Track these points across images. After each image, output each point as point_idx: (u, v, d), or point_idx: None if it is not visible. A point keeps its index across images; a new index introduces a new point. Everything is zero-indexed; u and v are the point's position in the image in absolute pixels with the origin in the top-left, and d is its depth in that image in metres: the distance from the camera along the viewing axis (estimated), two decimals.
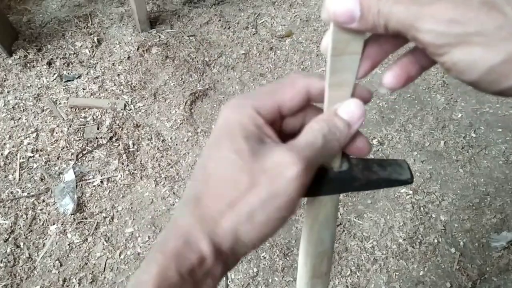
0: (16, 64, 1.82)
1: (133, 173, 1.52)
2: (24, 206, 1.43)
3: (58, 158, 1.55)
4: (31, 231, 1.38)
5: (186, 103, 1.72)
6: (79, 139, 1.60)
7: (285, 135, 0.33)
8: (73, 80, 1.80)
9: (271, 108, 0.31)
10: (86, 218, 1.41)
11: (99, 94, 1.74)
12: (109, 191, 1.48)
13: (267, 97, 0.31)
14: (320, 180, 0.36)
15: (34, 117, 1.66)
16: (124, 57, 1.88)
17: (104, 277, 1.29)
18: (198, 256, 0.27)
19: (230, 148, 0.29)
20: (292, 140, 0.29)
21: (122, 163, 1.53)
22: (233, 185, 0.28)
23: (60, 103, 1.72)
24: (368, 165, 0.37)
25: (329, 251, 0.44)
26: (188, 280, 0.27)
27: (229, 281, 1.29)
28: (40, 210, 1.42)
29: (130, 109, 1.70)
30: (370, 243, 1.36)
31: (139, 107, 1.72)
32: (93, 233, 1.38)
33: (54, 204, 1.44)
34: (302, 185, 0.28)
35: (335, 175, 0.35)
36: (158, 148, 1.58)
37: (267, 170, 0.28)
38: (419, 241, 1.36)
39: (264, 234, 0.29)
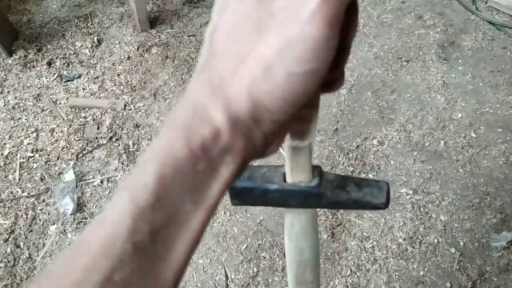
0: (16, 64, 1.82)
1: None
2: (24, 206, 1.43)
3: (58, 158, 1.55)
4: (31, 231, 1.38)
5: None
6: (79, 139, 1.60)
7: None
8: (73, 80, 1.80)
9: None
10: (86, 218, 1.41)
11: (99, 94, 1.74)
12: (109, 191, 1.48)
13: None
14: (284, 191, 0.35)
15: (34, 117, 1.66)
16: (124, 57, 1.88)
17: None
18: (210, 127, 0.22)
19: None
20: None
21: (122, 163, 1.53)
22: (241, 38, 0.23)
23: (60, 103, 1.72)
24: (345, 183, 0.36)
25: (311, 261, 0.44)
26: (200, 156, 0.22)
27: (229, 281, 1.29)
28: (40, 210, 1.42)
29: (130, 109, 1.70)
30: (370, 243, 1.36)
31: (139, 107, 1.72)
32: None
33: (54, 204, 1.44)
34: (326, 23, 0.21)
35: (301, 189, 0.34)
36: None
37: (278, 10, 0.22)
38: (419, 241, 1.36)
39: (290, 94, 0.22)
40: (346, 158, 1.55)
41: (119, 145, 1.59)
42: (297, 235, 0.41)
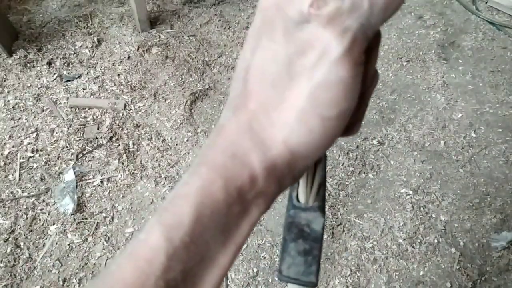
0: (16, 64, 1.81)
1: (133, 173, 1.52)
2: (24, 206, 1.43)
3: (58, 158, 1.55)
4: (31, 231, 1.38)
5: (186, 103, 1.72)
6: (79, 139, 1.60)
7: None
8: (73, 80, 1.79)
9: None
10: (86, 218, 1.41)
11: (99, 94, 1.74)
12: (109, 191, 1.48)
13: None
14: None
15: (34, 117, 1.66)
16: (124, 57, 1.88)
17: None
18: (249, 173, 0.23)
19: (269, 35, 0.23)
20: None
21: (122, 163, 1.53)
22: (274, 81, 0.22)
23: (60, 103, 1.72)
24: None
25: None
26: (236, 199, 0.23)
27: (229, 281, 1.29)
28: (40, 210, 1.42)
29: (130, 109, 1.70)
30: (370, 243, 1.36)
31: (139, 107, 1.71)
32: (93, 233, 1.38)
33: (54, 204, 1.44)
34: (354, 63, 0.21)
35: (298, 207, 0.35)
36: (158, 148, 1.58)
37: (302, 56, 0.21)
38: (419, 241, 1.36)
39: (324, 139, 0.23)
40: (346, 158, 1.55)
41: (119, 145, 1.59)
42: None
